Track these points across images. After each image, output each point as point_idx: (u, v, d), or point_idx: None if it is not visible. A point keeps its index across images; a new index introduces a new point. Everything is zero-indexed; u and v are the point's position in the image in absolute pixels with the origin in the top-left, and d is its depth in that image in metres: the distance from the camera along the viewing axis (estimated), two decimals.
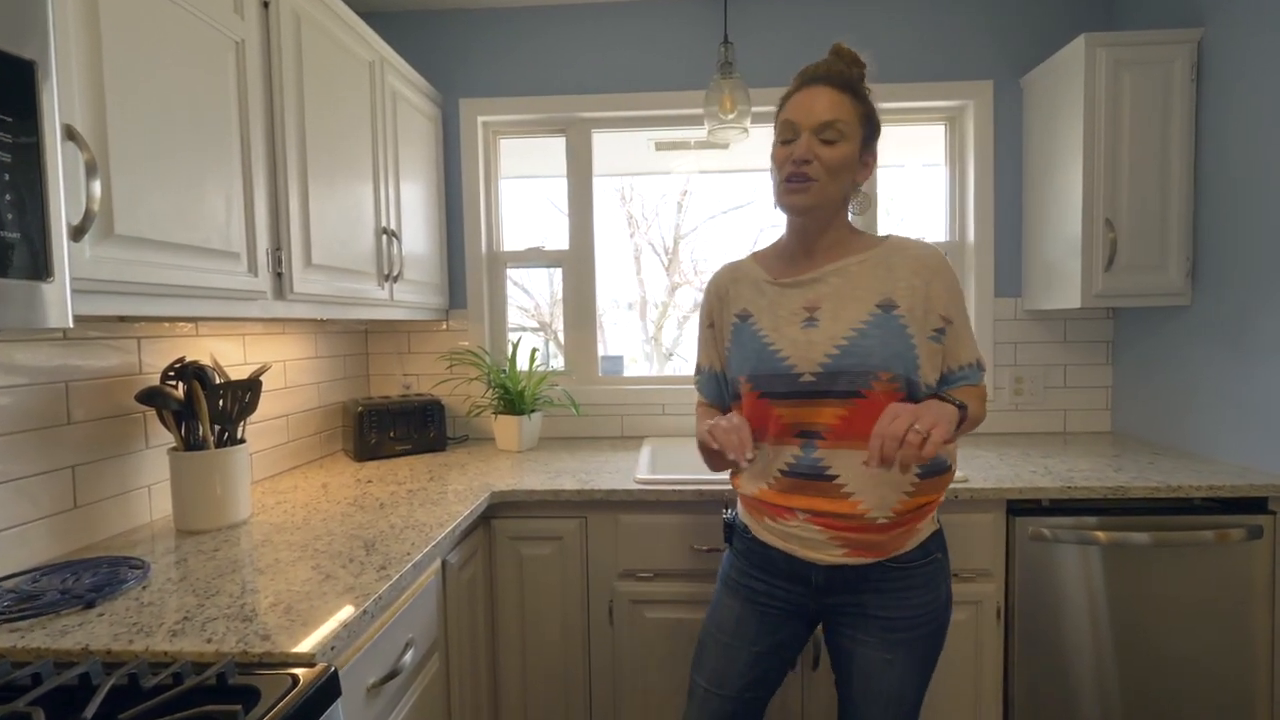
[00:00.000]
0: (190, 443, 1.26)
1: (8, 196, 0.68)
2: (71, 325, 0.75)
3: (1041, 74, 2.01)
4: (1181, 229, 1.81)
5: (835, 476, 1.00)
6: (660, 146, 2.50)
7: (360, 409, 1.89)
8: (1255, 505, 1.53)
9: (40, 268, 0.72)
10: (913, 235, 2.24)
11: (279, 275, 1.28)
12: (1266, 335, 1.60)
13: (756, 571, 1.12)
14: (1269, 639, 1.53)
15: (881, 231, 1.33)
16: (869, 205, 1.10)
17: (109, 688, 0.68)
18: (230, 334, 1.57)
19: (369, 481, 1.65)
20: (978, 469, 1.68)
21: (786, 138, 1.03)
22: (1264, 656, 1.53)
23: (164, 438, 1.35)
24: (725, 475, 1.43)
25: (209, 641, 0.81)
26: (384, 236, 1.74)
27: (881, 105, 2.15)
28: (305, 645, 0.80)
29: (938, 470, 1.04)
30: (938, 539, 1.11)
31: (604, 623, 1.59)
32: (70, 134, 0.79)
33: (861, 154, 1.05)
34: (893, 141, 2.26)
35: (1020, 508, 1.55)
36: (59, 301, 0.73)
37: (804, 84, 1.04)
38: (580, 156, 2.28)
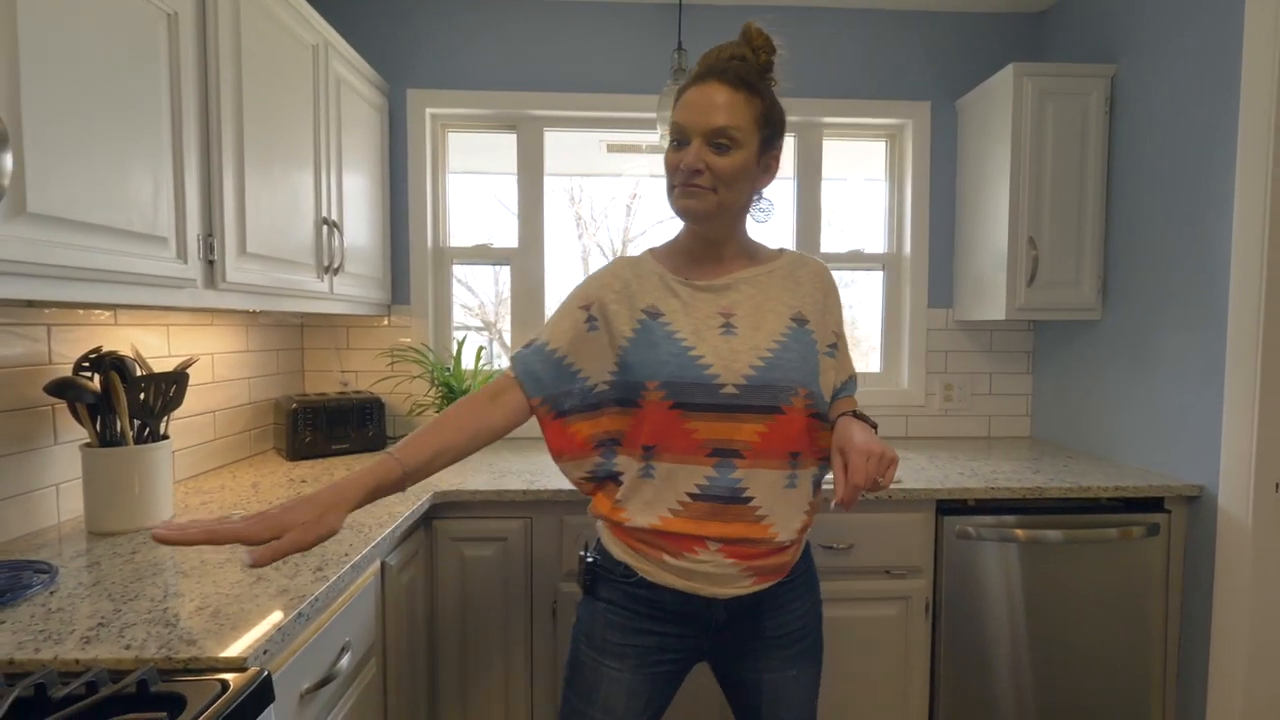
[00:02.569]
0: (106, 438, 1.18)
1: None
2: None
3: (974, 98, 2.13)
4: (1094, 249, 1.95)
5: (751, 499, 0.91)
6: (612, 148, 2.51)
7: (294, 405, 1.81)
8: (1154, 505, 1.67)
9: None
10: (854, 247, 2.34)
11: (210, 263, 1.21)
12: (1166, 350, 1.74)
13: (642, 623, 0.97)
14: (1163, 627, 1.66)
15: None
16: (769, 214, 1.03)
17: (12, 700, 0.63)
18: (153, 324, 1.47)
19: (303, 481, 1.58)
20: (910, 471, 1.75)
21: (677, 143, 0.92)
22: (1159, 642, 1.67)
23: (75, 433, 1.25)
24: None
25: (127, 648, 0.76)
26: (324, 227, 1.67)
27: (825, 119, 2.25)
28: (235, 649, 0.76)
29: (818, 488, 1.02)
30: (808, 544, 1.08)
31: (547, 623, 1.58)
32: None
33: (761, 157, 0.95)
34: (836, 155, 2.35)
35: (948, 507, 1.64)
36: None
37: (699, 79, 0.92)
38: (531, 154, 2.26)
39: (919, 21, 2.23)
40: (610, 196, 2.82)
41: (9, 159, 0.76)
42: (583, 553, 1.04)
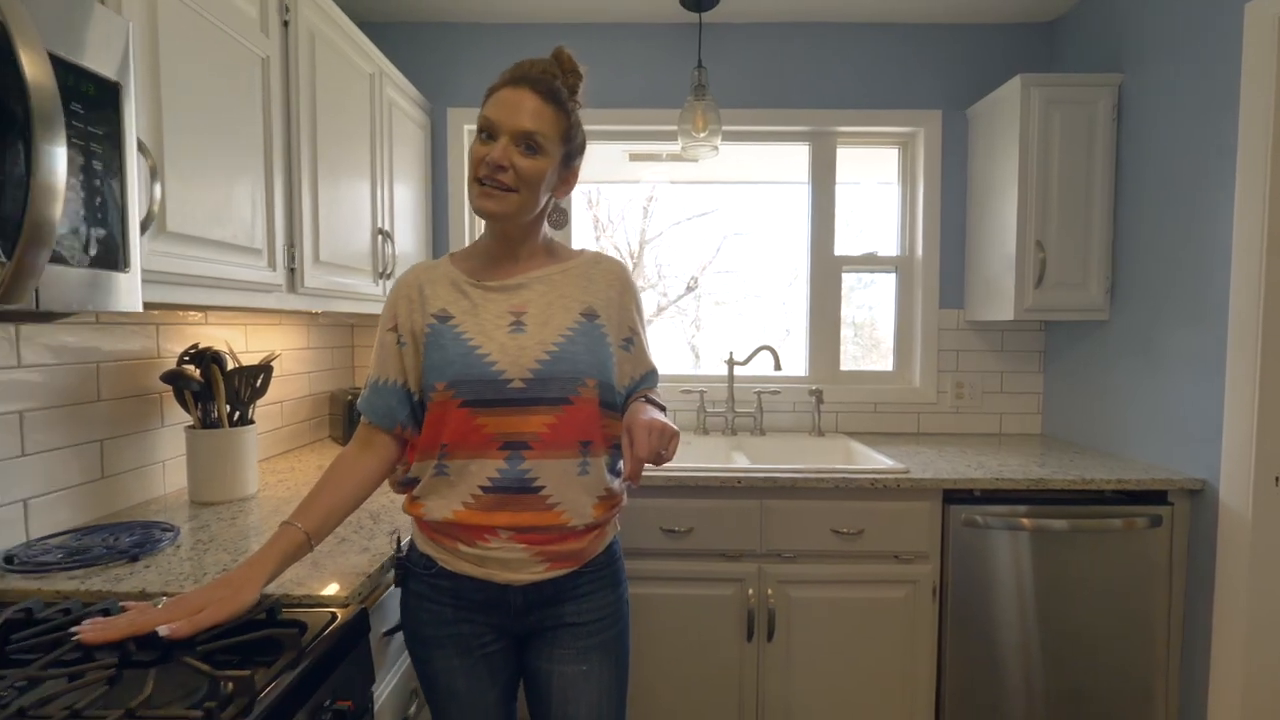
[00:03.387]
0: (206, 421, 1.36)
1: (98, 199, 0.80)
2: (141, 309, 0.87)
3: (984, 107, 2.24)
4: (1102, 252, 2.04)
5: (541, 488, 0.95)
6: (634, 158, 2.66)
7: (350, 397, 2.00)
8: (1157, 497, 1.75)
9: (119, 259, 0.83)
10: (868, 249, 2.46)
11: (291, 270, 1.39)
12: (1170, 348, 1.82)
13: (449, 613, 1.00)
14: (1166, 614, 1.75)
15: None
16: (565, 222, 1.10)
17: None
18: (235, 323, 1.67)
19: None
20: (918, 463, 1.87)
21: (485, 135, 0.95)
22: (1162, 628, 1.75)
23: (178, 417, 1.44)
24: (660, 468, 1.29)
25: None
26: (379, 236, 1.85)
27: (839, 128, 2.37)
28: (338, 590, 0.93)
29: (618, 475, 1.06)
30: (617, 541, 1.11)
31: None
32: (140, 146, 0.91)
33: (561, 170, 1.00)
34: (850, 159, 2.47)
35: (955, 497, 1.75)
36: (132, 289, 0.85)
37: (513, 82, 0.95)
38: None
39: (931, 34, 2.34)
40: (627, 199, 2.97)
41: (159, 188, 0.94)
42: (396, 548, 1.11)
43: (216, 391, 1.35)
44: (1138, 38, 1.95)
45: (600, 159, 2.56)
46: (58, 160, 0.68)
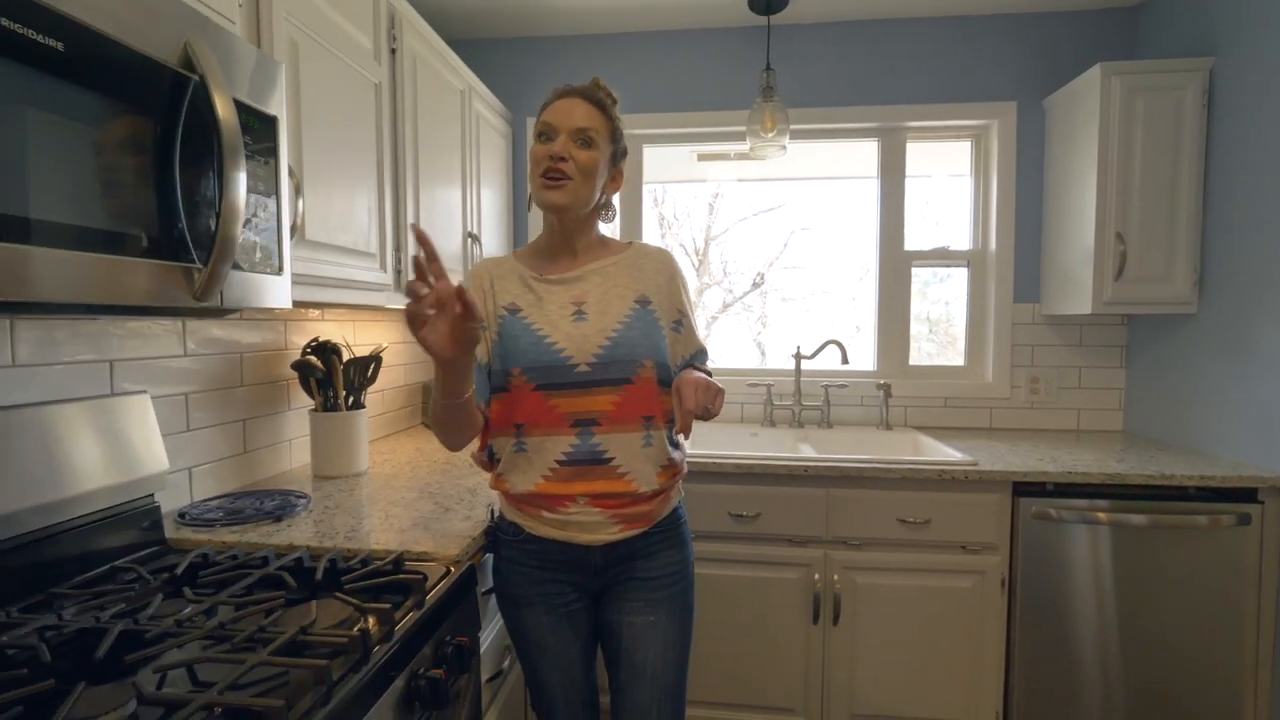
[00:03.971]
0: (326, 405, 1.55)
1: (260, 214, 0.96)
2: (290, 306, 1.03)
3: (1061, 97, 2.19)
4: (1189, 243, 1.97)
5: (612, 459, 1.07)
6: (702, 158, 2.74)
7: None
8: (1246, 495, 1.70)
9: (276, 265, 1.00)
10: (939, 243, 2.45)
11: (398, 271, 1.56)
12: (1265, 344, 1.75)
13: (536, 573, 1.12)
14: (1256, 614, 1.70)
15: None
16: (613, 216, 1.21)
17: (324, 565, 0.96)
18: (344, 319, 1.86)
19: None
20: (988, 456, 1.88)
21: (545, 137, 1.08)
22: (1251, 629, 1.70)
23: (300, 402, 1.64)
24: (728, 455, 1.51)
25: (376, 544, 1.09)
26: (469, 239, 2.02)
27: (908, 123, 2.38)
28: (450, 550, 1.07)
29: (677, 446, 1.17)
30: (682, 505, 1.21)
31: None
32: (290, 170, 1.08)
33: (610, 168, 1.14)
34: (920, 153, 2.46)
35: (1026, 490, 1.75)
36: (285, 289, 1.02)
37: (562, 95, 1.10)
38: (630, 168, 2.52)
39: (1004, 24, 2.31)
40: (693, 196, 3.03)
41: (301, 203, 1.10)
42: (490, 516, 1.23)
43: (335, 379, 1.53)
44: (1233, 17, 1.87)
45: (668, 159, 2.66)
46: (242, 185, 0.84)
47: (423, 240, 0.87)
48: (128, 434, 1.07)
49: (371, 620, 0.84)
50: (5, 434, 0.90)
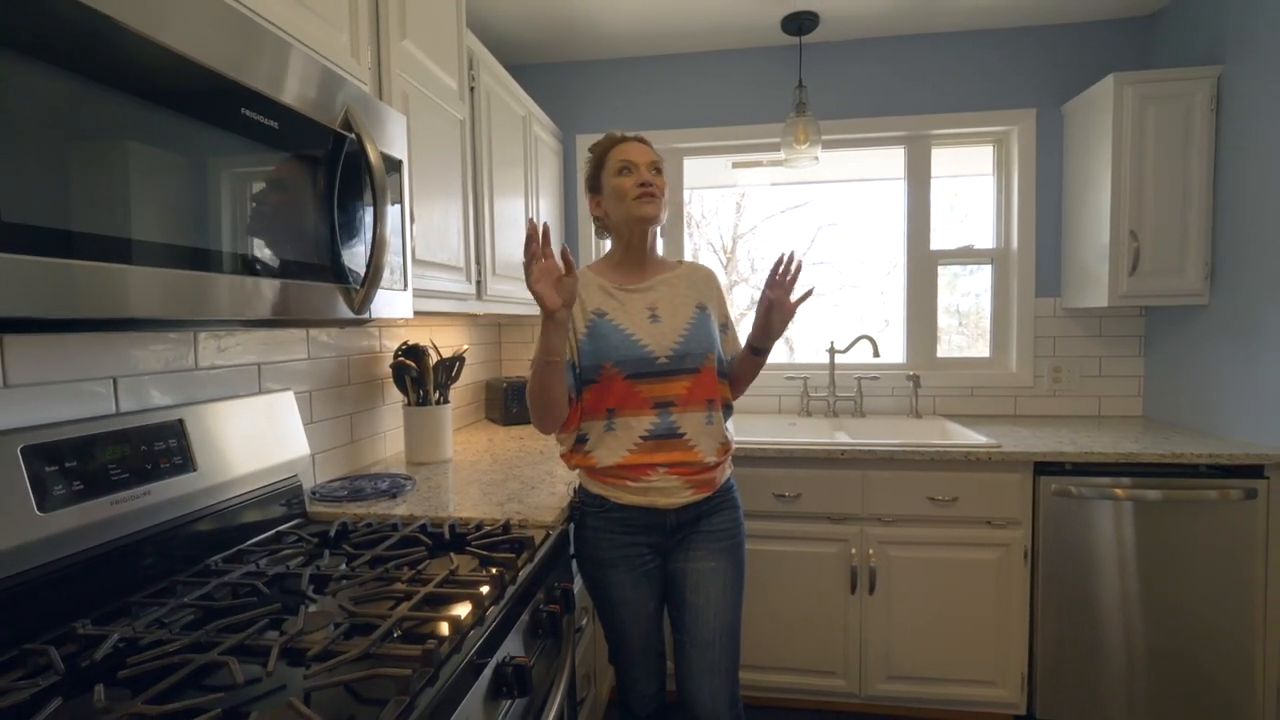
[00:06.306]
0: (418, 400, 1.77)
1: (393, 239, 1.17)
2: (411, 316, 1.24)
3: (1078, 104, 2.33)
4: (1200, 238, 2.10)
5: (685, 434, 1.29)
6: (736, 165, 2.92)
7: (505, 385, 2.40)
8: (1253, 472, 1.83)
9: (403, 282, 1.21)
10: (964, 239, 2.60)
11: (479, 282, 1.78)
12: (1273, 331, 1.88)
13: (619, 537, 1.32)
14: (1263, 581, 1.83)
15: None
16: (663, 234, 1.50)
17: (447, 531, 1.17)
18: (425, 325, 2.09)
19: (522, 439, 2.15)
20: (1011, 439, 2.03)
21: (626, 171, 1.32)
22: (1259, 595, 1.83)
23: (392, 398, 1.87)
24: (772, 440, 1.75)
25: (483, 515, 1.30)
26: None
27: (934, 131, 2.53)
28: (545, 517, 1.28)
29: (726, 429, 1.39)
30: (733, 478, 1.43)
31: None
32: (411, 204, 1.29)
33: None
34: (944, 156, 2.61)
35: (1046, 469, 1.90)
36: (407, 302, 1.23)
37: (628, 140, 1.37)
38: (671, 179, 2.72)
39: (1024, 36, 2.45)
40: (720, 195, 3.17)
41: (414, 228, 1.32)
42: (574, 495, 1.42)
43: (426, 377, 1.75)
44: (1241, 27, 1.99)
45: (704, 166, 2.84)
46: (392, 221, 1.05)
47: (542, 230, 1.15)
48: (280, 424, 1.30)
49: (496, 570, 1.04)
50: (199, 423, 1.12)
